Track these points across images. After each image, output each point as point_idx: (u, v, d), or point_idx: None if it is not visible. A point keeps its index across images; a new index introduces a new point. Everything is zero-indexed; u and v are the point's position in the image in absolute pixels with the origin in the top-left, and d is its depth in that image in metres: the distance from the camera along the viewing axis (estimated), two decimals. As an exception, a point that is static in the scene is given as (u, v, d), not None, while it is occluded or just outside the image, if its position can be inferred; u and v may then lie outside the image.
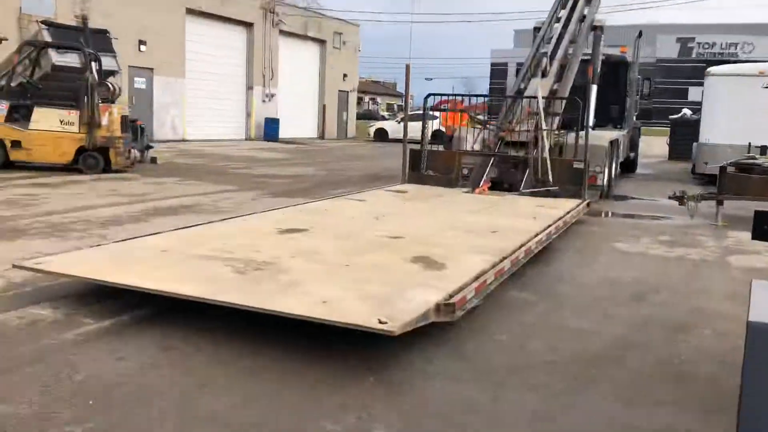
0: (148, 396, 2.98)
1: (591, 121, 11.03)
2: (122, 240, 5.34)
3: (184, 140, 23.08)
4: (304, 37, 30.25)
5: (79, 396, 2.95)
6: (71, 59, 12.02)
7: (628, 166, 15.98)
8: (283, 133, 27.15)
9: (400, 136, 11.35)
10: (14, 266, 4.47)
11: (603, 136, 11.20)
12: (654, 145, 24.63)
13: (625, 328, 4.30)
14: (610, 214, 9.88)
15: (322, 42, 31.41)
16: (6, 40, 12.16)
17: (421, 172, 10.21)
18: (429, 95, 11.27)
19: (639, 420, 2.97)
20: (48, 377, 3.14)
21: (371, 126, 33.73)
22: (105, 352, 3.48)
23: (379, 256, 4.89)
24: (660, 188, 12.63)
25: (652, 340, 4.10)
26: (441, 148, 11.27)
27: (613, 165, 12.30)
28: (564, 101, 10.70)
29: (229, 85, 25.85)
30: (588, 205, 8.84)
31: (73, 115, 11.49)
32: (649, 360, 3.74)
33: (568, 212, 7.58)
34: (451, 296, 3.83)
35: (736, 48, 57.06)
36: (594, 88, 11.70)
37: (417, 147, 10.54)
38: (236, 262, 4.46)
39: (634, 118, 15.89)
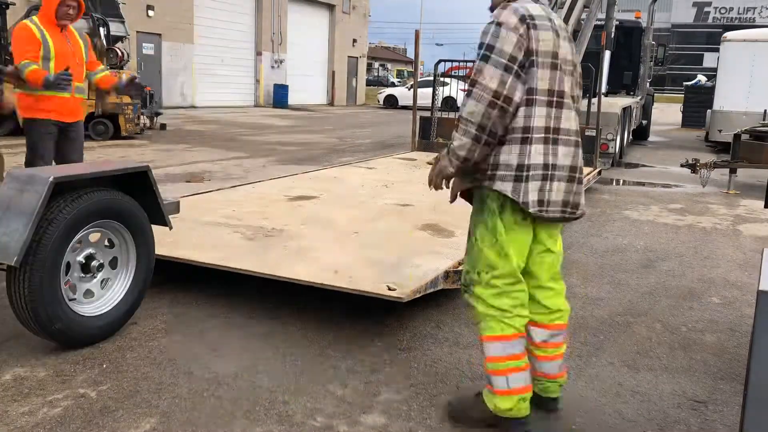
0: (161, 360, 3.03)
1: (603, 87, 10.89)
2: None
3: (192, 107, 23.02)
4: (313, 2, 29.87)
5: (93, 359, 3.00)
6: (79, 24, 11.94)
7: (641, 134, 15.83)
8: (291, 100, 27.02)
9: (410, 102, 11.25)
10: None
11: (615, 103, 11.07)
12: (667, 113, 24.34)
13: (634, 296, 4.30)
14: (621, 182, 9.82)
15: (331, 7, 31.02)
16: (13, 5, 12.07)
17: (431, 140, 10.15)
18: (440, 61, 11.14)
19: (646, 386, 2.99)
20: (62, 341, 3.19)
21: (381, 92, 33.48)
22: (117, 316, 3.52)
23: (388, 224, 4.89)
24: (672, 156, 12.52)
25: (661, 307, 4.11)
26: (452, 115, 11.18)
27: (626, 132, 12.18)
28: (576, 67, 10.55)
29: (237, 51, 25.65)
30: (599, 173, 8.79)
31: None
32: (656, 327, 3.75)
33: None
34: (460, 263, 3.84)
35: (753, 12, 55.87)
36: (607, 54, 11.53)
37: (427, 114, 10.45)
38: (246, 229, 4.48)
39: (648, 85, 15.68)
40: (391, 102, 31.09)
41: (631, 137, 13.38)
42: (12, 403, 2.60)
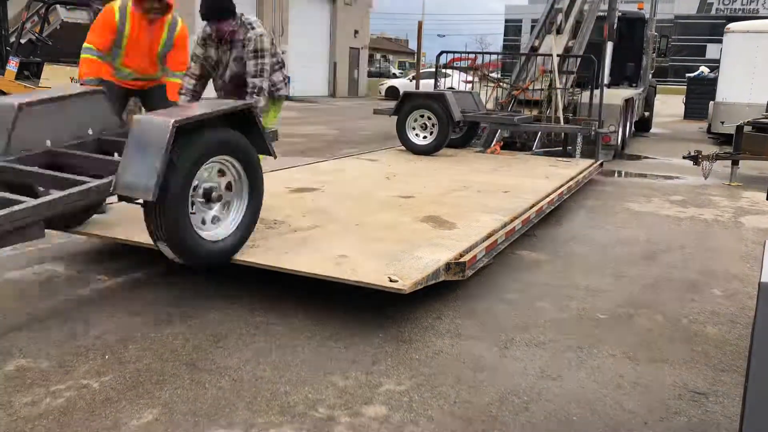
0: (162, 351, 3.04)
1: (606, 79, 10.85)
2: (134, 198, 5.37)
3: (194, 98, 22.95)
4: (315, -7, 29.75)
5: (95, 350, 3.01)
6: (80, 16, 11.92)
7: (643, 126, 15.78)
8: (293, 91, 26.90)
9: (412, 94, 11.18)
10: (29, 223, 4.52)
11: (618, 95, 11.03)
12: (670, 104, 24.27)
13: (635, 288, 4.30)
14: (623, 173, 9.80)
15: (332, -2, 30.89)
16: (14, -4, 12.04)
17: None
18: (441, 53, 11.11)
19: (647, 378, 3.00)
20: (64, 332, 3.20)
21: (382, 84, 33.37)
22: (120, 308, 3.54)
23: (390, 215, 4.89)
24: (675, 148, 12.48)
25: (662, 299, 4.11)
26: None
27: (628, 124, 12.14)
28: (579, 59, 10.52)
29: (239, 42, 25.56)
30: (601, 164, 8.77)
31: (83, 73, 11.43)
32: (658, 319, 3.75)
33: (580, 172, 7.52)
34: (461, 255, 3.84)
35: (756, 3, 55.55)
36: (609, 45, 11.47)
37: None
38: (248, 220, 4.47)
39: (650, 77, 15.62)
40: (393, 93, 30.98)
41: (633, 129, 13.33)
42: (15, 393, 2.61)
